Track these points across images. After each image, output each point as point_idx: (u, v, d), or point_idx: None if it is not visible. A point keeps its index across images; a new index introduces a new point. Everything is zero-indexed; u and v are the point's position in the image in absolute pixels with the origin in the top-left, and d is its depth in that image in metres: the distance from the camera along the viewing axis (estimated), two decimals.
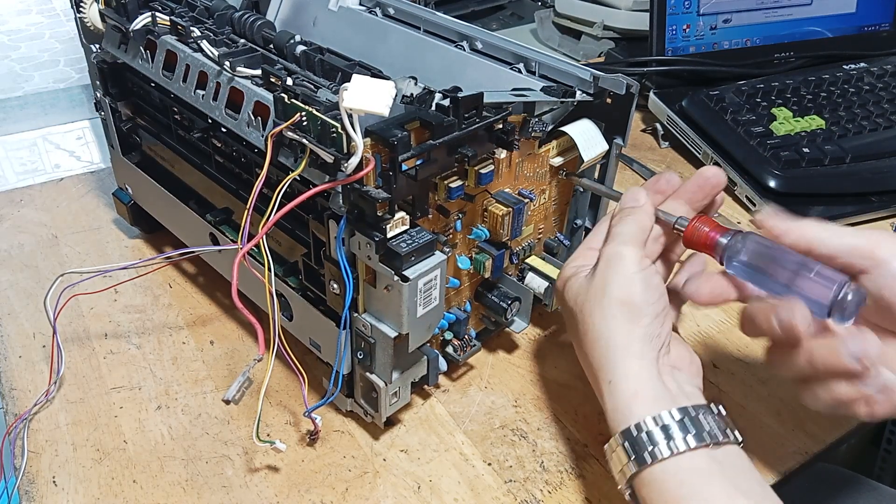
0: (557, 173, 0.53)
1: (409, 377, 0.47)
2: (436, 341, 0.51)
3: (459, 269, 0.49)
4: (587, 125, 0.51)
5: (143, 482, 0.46)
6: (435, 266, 0.42)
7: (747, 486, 0.36)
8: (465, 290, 0.51)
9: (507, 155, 0.47)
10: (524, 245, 0.53)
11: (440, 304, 0.44)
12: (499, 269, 0.50)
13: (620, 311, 0.40)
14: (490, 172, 0.45)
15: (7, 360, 0.55)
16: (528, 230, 0.53)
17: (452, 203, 0.46)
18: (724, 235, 0.42)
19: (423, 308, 0.43)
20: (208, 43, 0.48)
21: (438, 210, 0.45)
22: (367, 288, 0.44)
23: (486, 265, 0.49)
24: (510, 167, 0.49)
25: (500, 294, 0.52)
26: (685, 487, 0.36)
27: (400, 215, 0.41)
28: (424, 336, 0.45)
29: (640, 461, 0.37)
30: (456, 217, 0.47)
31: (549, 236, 0.56)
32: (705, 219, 0.43)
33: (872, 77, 0.84)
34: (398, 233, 0.41)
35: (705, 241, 0.42)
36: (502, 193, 0.49)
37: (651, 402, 0.38)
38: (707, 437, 0.37)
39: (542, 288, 0.53)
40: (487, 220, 0.49)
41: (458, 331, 0.51)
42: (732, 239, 0.42)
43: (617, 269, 0.41)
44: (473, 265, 0.49)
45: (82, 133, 2.23)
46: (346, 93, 0.36)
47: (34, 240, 0.67)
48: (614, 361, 0.40)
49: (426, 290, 0.42)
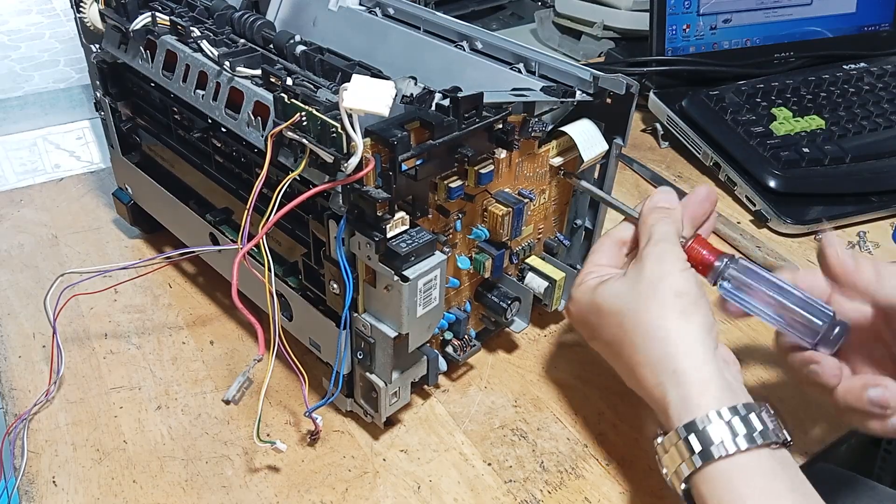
0: (557, 173, 0.53)
1: (408, 377, 0.47)
2: (436, 341, 0.51)
3: (459, 269, 0.49)
4: (587, 125, 0.51)
5: (143, 482, 0.46)
6: (435, 266, 0.42)
7: (803, 488, 0.36)
8: (464, 290, 0.51)
9: (507, 155, 0.47)
10: (524, 245, 0.53)
11: (440, 304, 0.44)
12: (499, 269, 0.50)
13: (679, 303, 0.40)
14: (490, 172, 0.45)
15: (7, 361, 0.55)
16: (527, 230, 0.53)
17: (452, 203, 0.46)
18: (719, 259, 0.44)
19: (422, 308, 0.43)
20: (208, 43, 0.48)
21: (438, 210, 0.45)
22: (366, 288, 0.44)
23: (486, 265, 0.49)
24: (510, 167, 0.49)
25: (500, 294, 0.52)
26: (751, 486, 0.36)
27: (400, 215, 0.41)
28: (424, 336, 0.45)
29: (706, 456, 0.36)
30: (456, 217, 0.47)
31: (549, 236, 0.56)
32: (701, 240, 0.45)
33: (872, 77, 0.84)
34: (398, 233, 0.41)
35: (701, 262, 0.44)
36: (502, 193, 0.49)
37: (718, 395, 0.38)
38: (771, 435, 0.37)
39: (542, 288, 0.53)
40: (487, 220, 0.49)
41: (457, 331, 0.51)
42: (725, 264, 0.43)
43: (670, 263, 0.41)
44: (473, 265, 0.49)
45: (82, 133, 2.23)
46: (346, 93, 0.37)
47: (34, 240, 0.67)
48: (678, 353, 0.39)
49: (426, 290, 0.42)
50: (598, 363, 0.55)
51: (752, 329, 0.58)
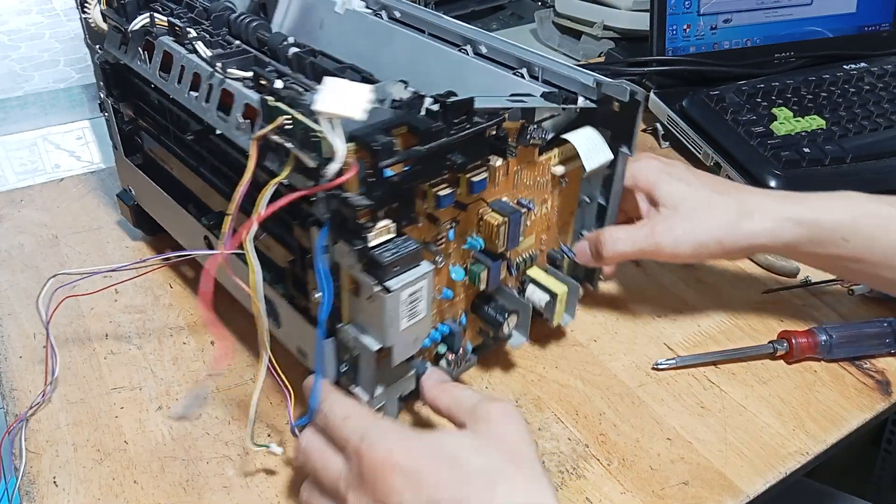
0: (559, 183, 0.51)
1: (395, 391, 0.46)
2: (429, 354, 0.49)
3: (454, 281, 0.47)
4: (590, 133, 0.49)
5: (144, 483, 0.46)
6: (421, 276, 0.40)
7: None
8: (459, 302, 0.49)
9: (504, 162, 0.45)
10: (525, 256, 0.52)
11: (427, 317, 0.42)
12: (495, 281, 0.48)
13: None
14: (483, 181, 0.43)
15: (7, 361, 0.55)
16: (528, 241, 0.51)
17: (444, 212, 0.44)
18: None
19: (407, 321, 0.41)
20: (203, 44, 0.48)
21: (429, 219, 0.43)
22: (351, 298, 0.42)
23: (482, 276, 0.47)
24: (507, 175, 0.47)
25: (497, 307, 0.50)
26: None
27: (384, 223, 0.39)
28: (409, 350, 0.43)
29: None
30: (449, 226, 0.45)
31: (553, 248, 0.55)
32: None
33: (873, 77, 0.84)
34: (383, 241, 0.39)
35: None
36: (499, 202, 0.47)
37: None
38: None
39: (543, 302, 0.51)
40: (483, 230, 0.47)
41: (451, 344, 0.49)
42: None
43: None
44: (468, 276, 0.48)
45: (82, 133, 2.23)
46: (317, 96, 0.36)
47: (34, 240, 0.67)
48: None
49: (411, 301, 0.40)
50: (598, 363, 0.55)
51: (753, 330, 0.58)
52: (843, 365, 0.55)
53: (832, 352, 0.54)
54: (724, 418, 0.51)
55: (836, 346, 0.54)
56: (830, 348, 0.54)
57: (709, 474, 0.47)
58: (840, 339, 0.54)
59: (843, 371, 0.54)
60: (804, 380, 0.54)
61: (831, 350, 0.54)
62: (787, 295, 0.61)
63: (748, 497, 0.46)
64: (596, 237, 0.53)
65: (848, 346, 0.54)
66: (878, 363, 0.55)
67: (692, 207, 0.51)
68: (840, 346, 0.54)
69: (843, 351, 0.54)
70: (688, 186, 0.52)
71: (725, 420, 0.51)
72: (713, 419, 0.51)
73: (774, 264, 0.63)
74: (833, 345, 0.54)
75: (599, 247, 0.52)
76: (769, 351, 0.54)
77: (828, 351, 0.54)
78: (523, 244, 0.51)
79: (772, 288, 0.62)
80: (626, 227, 0.52)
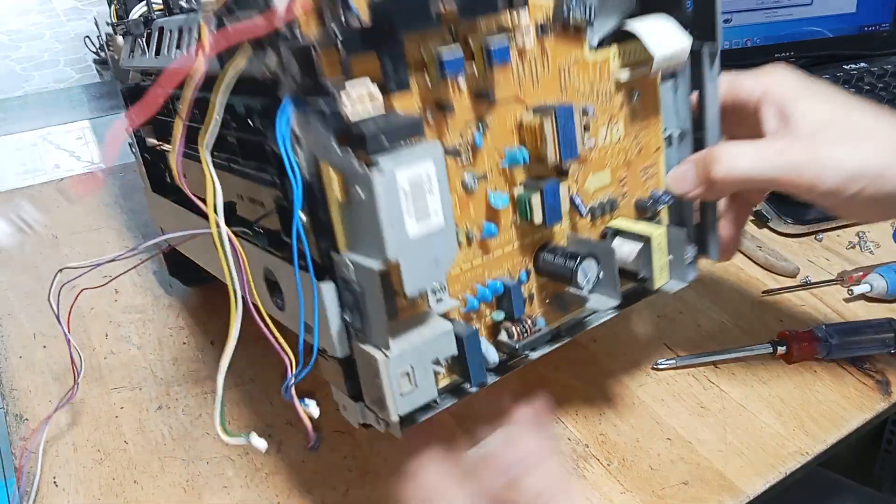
0: (629, 97, 0.39)
1: (426, 352, 0.32)
2: (483, 325, 0.37)
3: (496, 211, 0.35)
4: (659, 19, 0.39)
5: (144, 483, 0.46)
6: (424, 155, 0.28)
7: None
8: (513, 252, 0.37)
9: (537, 40, 0.34)
10: (601, 200, 0.40)
11: (449, 227, 0.30)
12: (554, 213, 0.35)
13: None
14: (505, 49, 0.32)
15: (7, 361, 0.55)
16: (601, 177, 0.40)
17: (459, 99, 0.33)
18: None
19: (415, 221, 0.29)
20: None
21: (437, 105, 0.33)
22: (344, 214, 0.31)
23: (533, 203, 0.35)
24: (549, 70, 0.36)
25: (566, 253, 0.37)
26: None
27: (361, 81, 0.28)
28: (428, 272, 0.30)
29: None
30: (474, 127, 0.34)
31: (641, 195, 0.42)
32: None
33: (872, 77, 0.84)
34: (366, 117, 0.29)
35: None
36: (541, 106, 0.35)
37: None
38: None
39: (634, 253, 0.38)
40: (526, 138, 0.35)
41: (509, 308, 0.37)
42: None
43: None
44: (517, 208, 0.36)
45: (82, 133, 2.23)
46: None
47: (34, 240, 0.67)
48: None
49: (415, 193, 0.28)
50: (598, 363, 0.55)
51: (753, 330, 0.58)
52: (843, 365, 0.55)
53: (832, 352, 0.54)
54: (724, 418, 0.51)
55: (835, 347, 0.54)
56: (830, 348, 0.54)
57: (709, 474, 0.47)
58: (840, 340, 0.54)
59: (843, 371, 0.54)
60: (804, 380, 0.54)
61: (831, 350, 0.54)
62: (787, 295, 0.61)
63: (748, 497, 0.46)
64: (705, 154, 0.40)
65: (848, 347, 0.54)
66: (878, 363, 0.55)
67: (840, 133, 0.39)
68: (840, 347, 0.54)
69: (843, 351, 0.54)
70: (835, 107, 0.40)
71: (725, 420, 0.51)
72: (713, 419, 0.51)
73: (775, 264, 0.63)
74: (833, 345, 0.54)
75: (710, 166, 0.39)
76: (769, 351, 0.55)
77: (828, 351, 0.54)
78: (596, 182, 0.40)
79: (771, 288, 0.62)
80: (749, 142, 0.40)
